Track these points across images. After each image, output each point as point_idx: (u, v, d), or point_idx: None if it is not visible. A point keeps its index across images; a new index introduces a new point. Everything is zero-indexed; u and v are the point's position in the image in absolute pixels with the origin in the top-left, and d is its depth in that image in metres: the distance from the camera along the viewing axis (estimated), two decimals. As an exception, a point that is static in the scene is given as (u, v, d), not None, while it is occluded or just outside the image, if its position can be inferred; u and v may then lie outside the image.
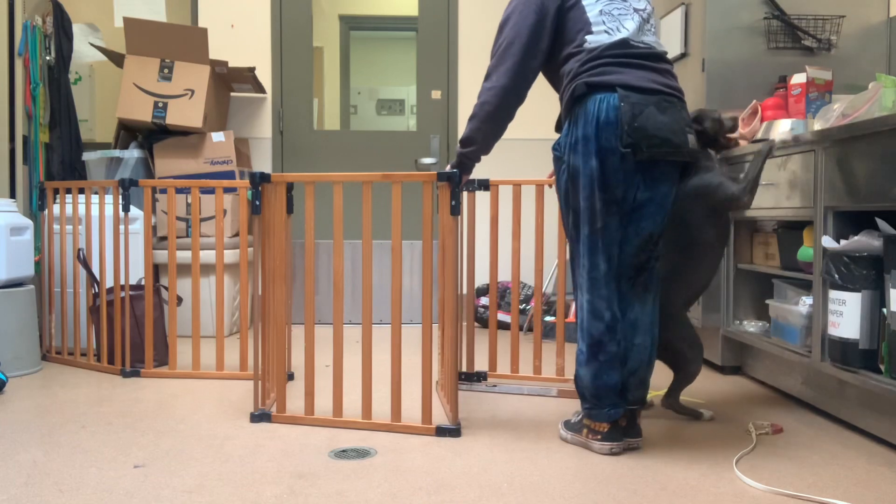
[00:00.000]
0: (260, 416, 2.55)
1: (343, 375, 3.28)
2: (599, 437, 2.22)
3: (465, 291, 3.86)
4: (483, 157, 4.83)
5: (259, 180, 2.50)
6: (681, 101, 2.20)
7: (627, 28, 2.18)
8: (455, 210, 2.36)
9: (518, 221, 3.06)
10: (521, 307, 4.39)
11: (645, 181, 2.16)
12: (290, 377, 3.16)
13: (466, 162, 2.40)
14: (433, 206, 2.43)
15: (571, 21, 2.20)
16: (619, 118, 2.08)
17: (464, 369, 3.21)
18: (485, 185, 3.07)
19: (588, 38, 2.17)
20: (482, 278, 4.79)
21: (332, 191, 4.83)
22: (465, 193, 4.20)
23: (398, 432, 2.45)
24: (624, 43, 2.16)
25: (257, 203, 2.50)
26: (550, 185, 2.49)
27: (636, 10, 2.22)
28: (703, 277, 2.48)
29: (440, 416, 2.61)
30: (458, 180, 2.35)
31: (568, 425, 2.35)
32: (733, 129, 2.52)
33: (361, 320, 2.45)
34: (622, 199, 2.16)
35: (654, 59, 2.18)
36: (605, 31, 2.17)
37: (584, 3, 2.20)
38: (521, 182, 3.07)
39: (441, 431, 2.42)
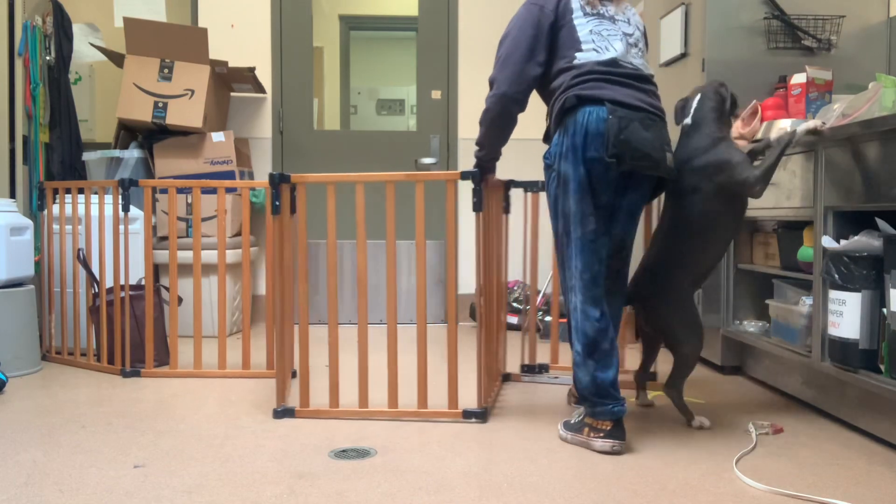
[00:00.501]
0: (283, 412, 2.59)
1: (345, 371, 3.28)
2: (602, 434, 2.24)
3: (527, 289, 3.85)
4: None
5: (279, 181, 2.57)
6: (662, 121, 2.33)
7: (616, 48, 2.31)
8: (477, 206, 2.54)
9: None
10: (520, 307, 4.39)
11: (619, 189, 2.32)
12: (293, 375, 3.16)
13: (482, 164, 2.54)
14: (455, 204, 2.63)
15: (563, 39, 2.32)
16: (606, 130, 2.20)
17: (526, 361, 3.38)
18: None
19: (577, 55, 2.29)
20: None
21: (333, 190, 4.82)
22: (528, 195, 4.17)
23: (426, 419, 2.55)
24: (613, 62, 2.29)
25: (277, 203, 2.57)
26: None
27: (625, 34, 2.35)
28: (711, 258, 2.45)
29: (468, 403, 2.77)
30: (479, 179, 2.52)
31: (567, 426, 2.35)
32: (736, 112, 2.59)
33: (386, 317, 2.63)
34: (605, 205, 2.31)
35: (640, 80, 2.31)
36: (594, 50, 2.29)
37: (575, 22, 2.32)
38: None
39: (468, 415, 2.53)
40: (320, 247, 4.75)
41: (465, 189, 4.81)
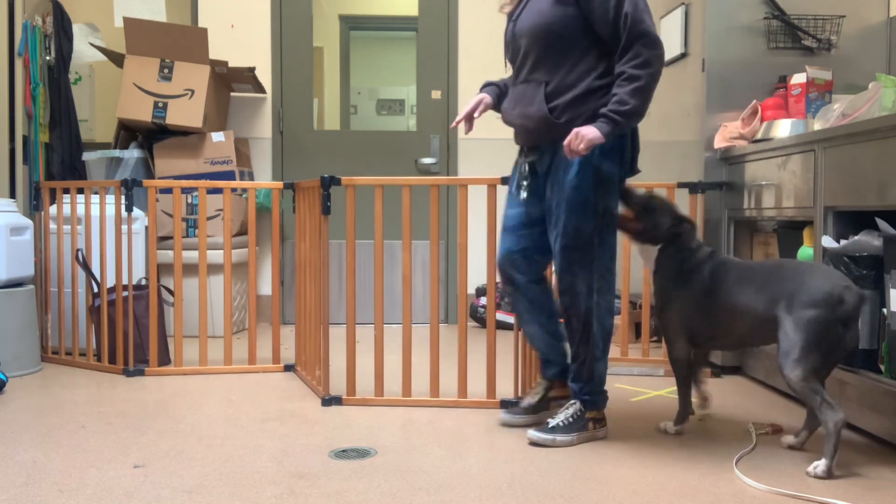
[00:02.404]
0: (330, 401, 2.75)
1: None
2: (604, 423, 2.39)
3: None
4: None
5: (329, 183, 2.77)
6: None
7: None
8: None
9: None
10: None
11: None
12: (292, 369, 3.16)
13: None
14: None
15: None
16: (632, 139, 2.30)
17: None
18: None
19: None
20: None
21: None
22: None
23: (464, 407, 2.71)
24: None
25: (328, 205, 2.79)
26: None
27: None
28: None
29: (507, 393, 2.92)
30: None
31: (562, 429, 2.30)
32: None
33: (429, 315, 2.76)
34: None
35: None
36: None
37: None
38: (633, 185, 3.29)
39: (505, 405, 2.69)
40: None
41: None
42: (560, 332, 2.48)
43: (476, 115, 2.42)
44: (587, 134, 2.13)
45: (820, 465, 2.01)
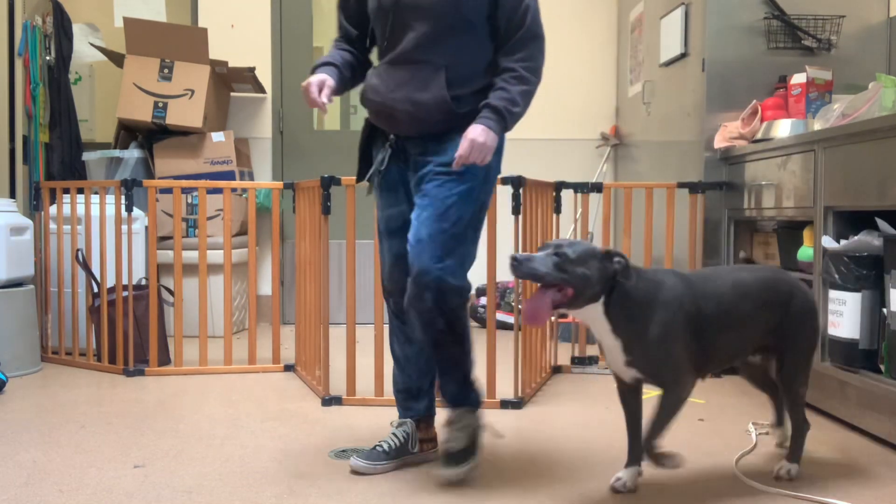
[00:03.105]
0: (330, 401, 2.75)
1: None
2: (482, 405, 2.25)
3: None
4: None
5: (329, 183, 2.80)
6: None
7: None
8: (516, 210, 2.77)
9: (629, 222, 3.37)
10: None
11: None
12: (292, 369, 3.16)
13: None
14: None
15: None
16: None
17: (577, 354, 3.48)
18: (598, 187, 3.31)
19: None
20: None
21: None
22: (578, 195, 4.09)
23: None
24: None
25: (328, 205, 2.81)
26: None
27: None
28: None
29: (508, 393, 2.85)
30: (518, 185, 2.70)
31: (473, 451, 2.05)
32: None
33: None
34: None
35: None
36: None
37: None
38: (633, 185, 3.37)
39: (505, 404, 2.72)
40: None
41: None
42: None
43: (326, 100, 2.02)
44: (487, 141, 1.91)
45: (794, 468, 2.00)
